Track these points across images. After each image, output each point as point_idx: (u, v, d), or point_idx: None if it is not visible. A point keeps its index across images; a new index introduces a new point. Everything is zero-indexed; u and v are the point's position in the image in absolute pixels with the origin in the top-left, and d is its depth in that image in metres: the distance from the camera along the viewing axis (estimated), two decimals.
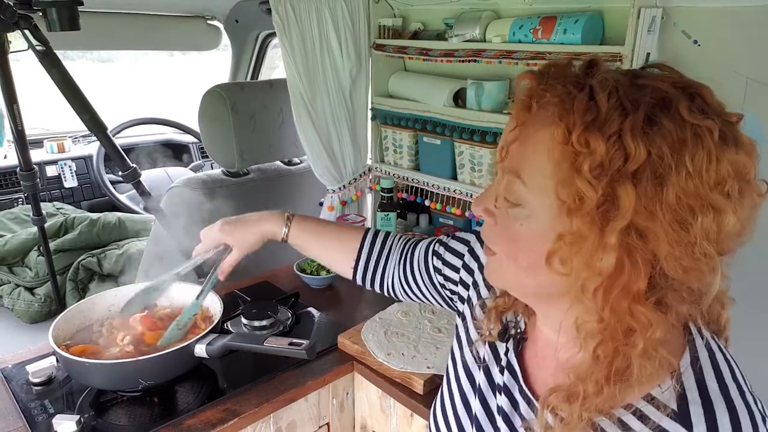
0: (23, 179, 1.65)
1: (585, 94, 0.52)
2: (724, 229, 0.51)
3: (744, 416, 0.53)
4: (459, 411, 0.77)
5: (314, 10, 1.55)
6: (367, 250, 1.04)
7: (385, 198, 1.63)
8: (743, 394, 0.55)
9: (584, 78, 0.54)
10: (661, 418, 0.55)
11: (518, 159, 0.57)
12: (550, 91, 0.54)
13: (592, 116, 0.51)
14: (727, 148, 0.51)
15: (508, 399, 0.70)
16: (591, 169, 0.50)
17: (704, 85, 0.54)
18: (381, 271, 1.03)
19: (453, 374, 0.81)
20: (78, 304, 1.15)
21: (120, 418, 1.02)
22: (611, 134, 0.50)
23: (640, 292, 0.53)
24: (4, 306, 2.03)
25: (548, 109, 0.54)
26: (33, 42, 1.40)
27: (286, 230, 1.04)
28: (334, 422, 1.25)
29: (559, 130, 0.52)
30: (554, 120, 0.53)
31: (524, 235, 0.58)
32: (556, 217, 0.55)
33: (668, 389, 0.56)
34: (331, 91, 1.64)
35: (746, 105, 1.07)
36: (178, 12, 2.45)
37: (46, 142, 2.62)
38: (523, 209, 0.58)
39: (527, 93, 0.57)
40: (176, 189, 1.65)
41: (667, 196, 0.50)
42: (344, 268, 1.06)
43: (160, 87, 5.59)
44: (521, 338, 0.73)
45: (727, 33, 1.07)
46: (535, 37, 1.25)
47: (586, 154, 0.50)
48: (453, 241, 0.91)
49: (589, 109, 0.51)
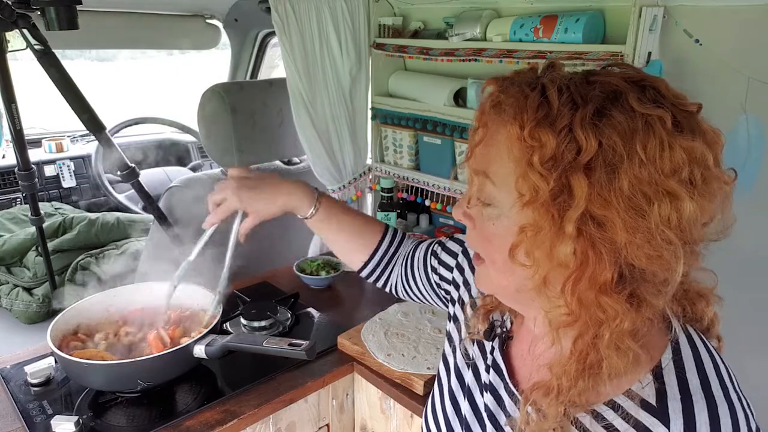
0: (21, 179, 1.65)
1: (537, 92, 0.55)
2: (684, 216, 0.52)
3: (724, 412, 0.53)
4: (448, 411, 0.79)
5: (314, 9, 1.54)
6: (384, 249, 1.03)
7: (385, 198, 1.63)
8: (726, 390, 0.55)
9: (538, 78, 0.57)
10: (638, 412, 0.56)
11: (484, 160, 0.60)
12: (507, 92, 0.57)
13: (544, 112, 0.53)
14: (681, 136, 0.52)
15: (493, 397, 0.71)
16: (542, 161, 0.53)
17: (660, 78, 0.57)
18: (389, 272, 1.04)
19: (444, 375, 0.82)
20: (76, 305, 1.14)
21: (119, 419, 1.02)
22: (562, 128, 0.52)
23: (607, 283, 0.54)
24: (2, 306, 2.02)
25: (506, 110, 0.56)
26: (31, 41, 1.39)
27: (314, 210, 1.00)
28: (333, 423, 1.24)
29: (514, 128, 0.55)
30: (510, 119, 0.56)
31: (496, 233, 0.61)
32: (519, 212, 0.57)
33: (648, 384, 0.56)
34: (330, 91, 1.63)
35: (748, 104, 1.07)
36: (177, 11, 2.44)
37: (45, 141, 2.61)
38: (495, 208, 0.60)
39: (488, 97, 0.60)
40: (175, 189, 1.65)
41: (621, 184, 0.51)
42: (355, 260, 1.05)
43: (158, 86, 5.58)
44: (506, 337, 0.74)
45: (728, 32, 1.07)
46: (536, 36, 1.24)
47: (537, 148, 0.53)
48: (450, 242, 0.94)
49: (540, 105, 0.54)
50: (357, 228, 1.04)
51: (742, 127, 1.09)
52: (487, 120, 0.59)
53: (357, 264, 1.05)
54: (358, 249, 1.04)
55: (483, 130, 0.60)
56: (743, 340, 0.79)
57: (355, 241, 1.04)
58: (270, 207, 1.00)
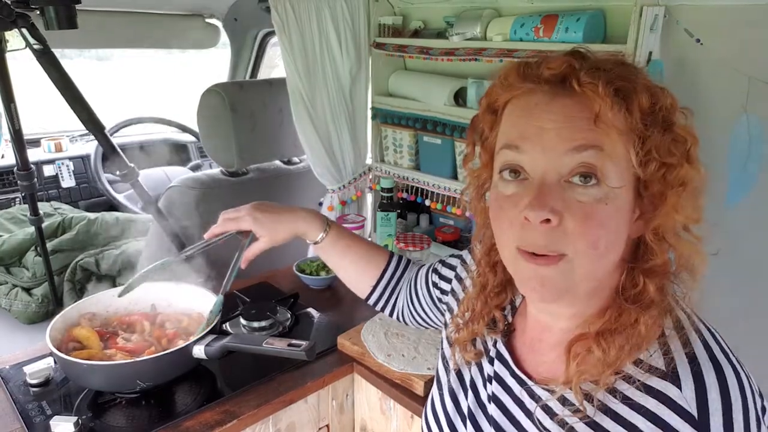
0: (20, 179, 1.64)
1: (602, 71, 0.57)
2: None
3: (729, 374, 0.57)
4: (449, 408, 0.79)
5: (314, 9, 1.54)
6: (389, 276, 1.06)
7: (385, 198, 1.62)
8: (727, 356, 0.59)
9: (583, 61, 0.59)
10: (649, 378, 0.58)
11: (591, 135, 0.57)
12: (583, 68, 0.58)
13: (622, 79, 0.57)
14: None
15: (500, 385, 0.72)
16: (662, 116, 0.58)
17: None
18: (395, 297, 1.06)
19: (444, 375, 0.83)
20: (76, 305, 1.14)
21: (118, 419, 1.01)
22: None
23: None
24: (1, 306, 2.02)
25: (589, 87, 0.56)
26: (30, 40, 1.39)
27: (324, 235, 1.03)
28: (333, 424, 1.24)
29: (605, 101, 0.56)
30: (615, 99, 0.56)
31: (610, 215, 0.58)
32: (634, 188, 0.59)
33: (656, 352, 0.59)
34: (330, 90, 1.63)
35: (748, 104, 1.07)
36: (176, 10, 2.44)
37: (44, 141, 2.61)
38: (600, 188, 0.57)
39: (566, 69, 0.59)
40: (175, 188, 1.64)
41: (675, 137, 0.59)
42: (362, 288, 1.08)
43: (158, 86, 5.58)
44: (508, 330, 0.75)
45: (729, 32, 1.07)
46: (536, 36, 1.24)
47: (661, 105, 0.58)
48: (450, 258, 0.95)
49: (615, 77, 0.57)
50: (363, 254, 1.06)
51: (743, 127, 1.08)
52: (579, 96, 0.57)
53: (364, 291, 1.07)
54: (365, 275, 1.06)
55: (581, 103, 0.57)
56: (742, 339, 0.79)
57: (361, 267, 1.06)
58: (281, 231, 1.02)
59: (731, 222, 1.01)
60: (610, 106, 0.55)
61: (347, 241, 1.06)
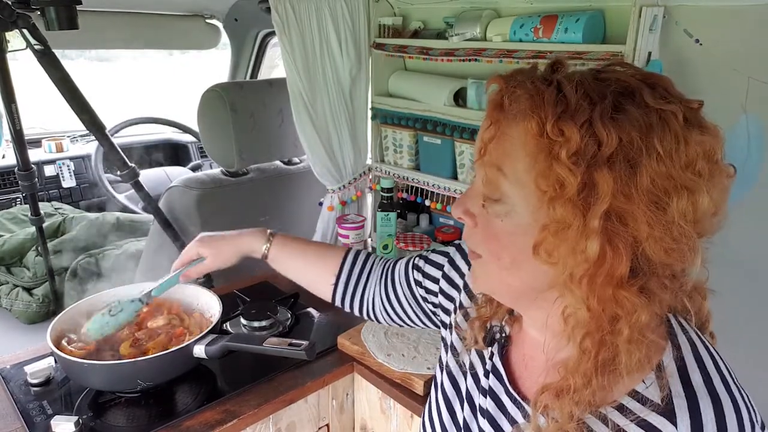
0: (21, 179, 1.65)
1: (553, 88, 0.55)
2: (699, 209, 0.53)
3: (728, 408, 0.54)
4: (444, 417, 0.78)
5: (314, 9, 1.54)
6: (348, 268, 1.03)
7: (385, 198, 1.62)
8: (727, 385, 0.56)
9: (551, 75, 0.57)
10: (644, 411, 0.56)
11: (497, 155, 0.59)
12: (520, 88, 0.56)
13: (563, 107, 0.53)
14: (693, 130, 0.53)
15: (494, 402, 0.71)
16: (569, 156, 0.52)
17: (664, 77, 0.57)
18: (361, 291, 1.03)
19: (440, 382, 0.82)
20: (76, 305, 1.14)
21: (118, 419, 1.02)
22: (582, 123, 0.52)
23: (623, 278, 0.54)
24: (2, 306, 2.02)
25: (520, 105, 0.56)
26: (31, 41, 1.39)
27: (268, 245, 1.05)
28: (333, 423, 1.24)
29: (532, 123, 0.54)
30: (526, 114, 0.55)
31: (506, 231, 0.60)
32: (536, 209, 0.56)
33: (652, 384, 0.57)
34: (330, 91, 1.63)
35: (748, 104, 1.07)
36: (176, 11, 2.44)
37: (45, 141, 2.61)
38: (504, 205, 0.59)
39: (499, 92, 0.59)
40: (175, 189, 1.65)
41: (641, 179, 0.52)
42: (324, 288, 1.05)
43: (158, 86, 5.59)
44: (506, 342, 0.74)
45: (728, 32, 1.07)
46: (536, 36, 1.24)
47: (563, 143, 0.52)
48: (433, 255, 0.93)
49: (558, 101, 0.54)
50: (316, 256, 1.06)
51: (742, 127, 1.08)
52: (500, 116, 0.58)
53: (327, 291, 1.05)
54: (323, 275, 1.04)
55: (495, 126, 0.58)
56: (742, 339, 0.79)
57: (317, 268, 1.05)
58: (223, 249, 1.06)
59: (730, 222, 1.01)
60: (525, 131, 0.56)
61: (296, 246, 1.06)
